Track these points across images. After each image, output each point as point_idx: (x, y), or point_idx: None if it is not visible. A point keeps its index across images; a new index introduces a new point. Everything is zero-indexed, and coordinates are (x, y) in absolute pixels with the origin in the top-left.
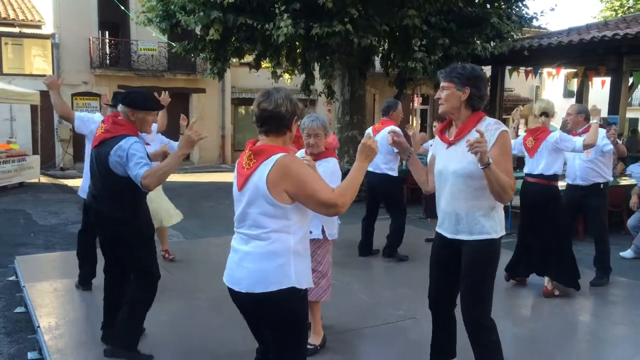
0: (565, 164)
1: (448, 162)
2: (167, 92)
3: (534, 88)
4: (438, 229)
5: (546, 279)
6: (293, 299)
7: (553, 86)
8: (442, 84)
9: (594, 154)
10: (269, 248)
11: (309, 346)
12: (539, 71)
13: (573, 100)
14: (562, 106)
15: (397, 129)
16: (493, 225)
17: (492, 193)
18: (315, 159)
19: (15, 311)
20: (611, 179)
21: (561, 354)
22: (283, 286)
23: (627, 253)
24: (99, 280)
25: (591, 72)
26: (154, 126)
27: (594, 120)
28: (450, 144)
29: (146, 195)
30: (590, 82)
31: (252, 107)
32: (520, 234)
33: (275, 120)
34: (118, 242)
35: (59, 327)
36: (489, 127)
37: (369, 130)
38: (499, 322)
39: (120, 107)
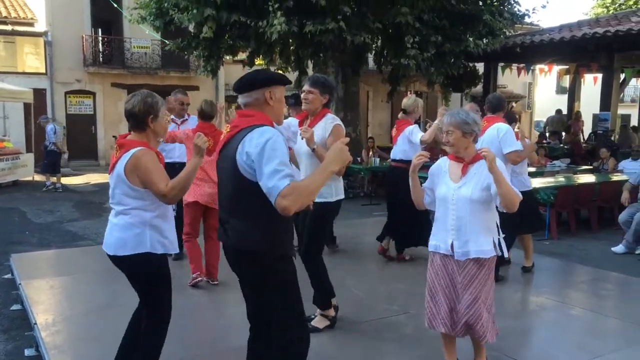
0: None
1: (301, 145)
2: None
3: (527, 84)
4: None
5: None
6: (149, 261)
7: (546, 82)
8: (309, 88)
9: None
10: (129, 221)
11: None
12: (532, 68)
13: (566, 97)
14: (555, 103)
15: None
16: (328, 191)
17: None
18: (467, 162)
19: (11, 309)
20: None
21: (554, 346)
22: (139, 251)
23: (619, 248)
24: (95, 276)
25: (583, 68)
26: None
27: (436, 122)
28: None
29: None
30: (582, 79)
31: None
32: (389, 209)
33: (132, 119)
34: (252, 284)
35: (56, 324)
36: (327, 120)
37: None
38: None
39: (241, 99)
